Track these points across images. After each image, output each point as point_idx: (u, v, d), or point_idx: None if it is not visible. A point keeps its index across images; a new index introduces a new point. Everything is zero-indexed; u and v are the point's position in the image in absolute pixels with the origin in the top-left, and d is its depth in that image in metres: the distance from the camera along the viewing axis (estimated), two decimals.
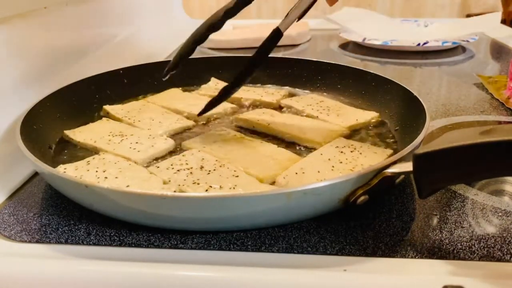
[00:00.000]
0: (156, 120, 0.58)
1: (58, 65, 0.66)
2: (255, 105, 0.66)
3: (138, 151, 0.50)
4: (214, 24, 0.50)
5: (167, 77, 0.54)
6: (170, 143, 0.52)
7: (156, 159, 0.50)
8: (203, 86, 0.72)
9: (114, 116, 0.60)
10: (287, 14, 0.48)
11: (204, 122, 0.60)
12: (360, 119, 0.57)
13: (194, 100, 0.65)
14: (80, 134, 0.54)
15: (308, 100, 0.64)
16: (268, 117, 0.59)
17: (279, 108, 0.64)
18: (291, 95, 0.69)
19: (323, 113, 0.60)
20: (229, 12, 0.49)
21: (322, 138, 0.52)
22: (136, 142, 0.52)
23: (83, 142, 0.53)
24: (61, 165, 0.46)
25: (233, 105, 0.64)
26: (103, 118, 0.59)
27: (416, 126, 0.49)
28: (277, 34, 0.49)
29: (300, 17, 0.48)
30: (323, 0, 0.49)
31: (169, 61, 0.54)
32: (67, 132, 0.55)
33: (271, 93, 0.68)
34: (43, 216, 0.41)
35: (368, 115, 0.58)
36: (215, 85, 0.71)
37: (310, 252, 0.36)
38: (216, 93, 0.67)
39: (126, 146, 0.51)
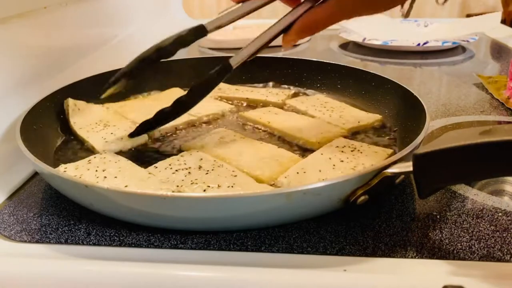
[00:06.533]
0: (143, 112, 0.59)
1: (58, 65, 0.66)
2: (255, 105, 0.65)
3: (106, 142, 0.52)
4: (162, 49, 0.47)
5: (105, 93, 0.48)
6: (143, 138, 0.53)
7: (121, 151, 0.51)
8: None
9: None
10: (241, 49, 0.47)
11: (204, 122, 0.60)
12: (362, 121, 0.57)
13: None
14: (78, 113, 0.57)
15: (313, 101, 0.64)
16: (272, 115, 0.59)
17: (284, 108, 0.64)
18: (295, 95, 0.69)
19: (326, 114, 0.59)
20: (181, 38, 0.47)
21: (318, 138, 0.52)
22: (111, 133, 0.53)
23: (72, 125, 0.56)
24: (62, 165, 0.46)
25: (232, 106, 0.64)
26: (105, 104, 0.61)
27: (416, 126, 0.48)
28: (227, 68, 0.48)
29: (251, 56, 0.47)
30: None
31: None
32: (71, 100, 0.58)
33: (275, 93, 0.68)
34: (43, 216, 0.41)
35: (370, 118, 0.58)
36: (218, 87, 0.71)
37: (310, 252, 0.36)
38: (218, 94, 0.67)
39: (100, 135, 0.53)
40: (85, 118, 0.57)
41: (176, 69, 0.71)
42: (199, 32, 0.48)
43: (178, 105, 0.50)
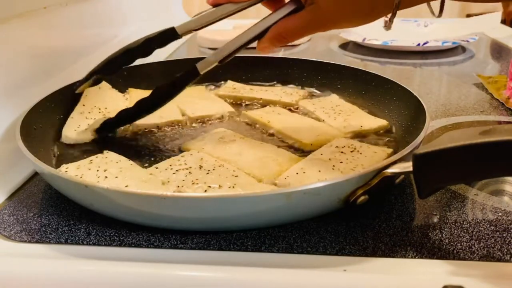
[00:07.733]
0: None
1: (58, 65, 0.66)
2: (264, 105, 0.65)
3: (75, 130, 0.54)
4: (132, 49, 0.50)
5: (77, 90, 0.54)
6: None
7: (79, 144, 0.53)
8: (222, 86, 0.71)
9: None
10: (209, 55, 0.47)
11: (204, 122, 0.60)
12: (365, 126, 0.56)
13: (206, 100, 0.65)
14: (97, 91, 0.59)
15: (325, 103, 0.63)
16: (274, 115, 0.59)
17: (293, 108, 0.64)
18: (310, 95, 0.69)
19: (331, 117, 0.59)
20: (152, 40, 0.49)
21: (311, 140, 0.52)
22: (88, 124, 0.55)
23: (83, 97, 0.58)
24: (64, 165, 0.45)
25: (233, 105, 0.64)
26: (124, 94, 0.64)
27: (416, 126, 0.49)
28: (194, 73, 0.48)
29: (221, 61, 0.47)
30: None
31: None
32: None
33: (289, 93, 0.67)
34: (43, 216, 0.41)
35: (375, 123, 0.56)
36: (232, 86, 0.70)
37: (310, 252, 0.36)
38: (233, 94, 0.67)
39: (80, 122, 0.55)
40: (97, 98, 0.58)
41: (175, 69, 0.71)
42: (170, 34, 0.49)
43: (141, 106, 0.51)
